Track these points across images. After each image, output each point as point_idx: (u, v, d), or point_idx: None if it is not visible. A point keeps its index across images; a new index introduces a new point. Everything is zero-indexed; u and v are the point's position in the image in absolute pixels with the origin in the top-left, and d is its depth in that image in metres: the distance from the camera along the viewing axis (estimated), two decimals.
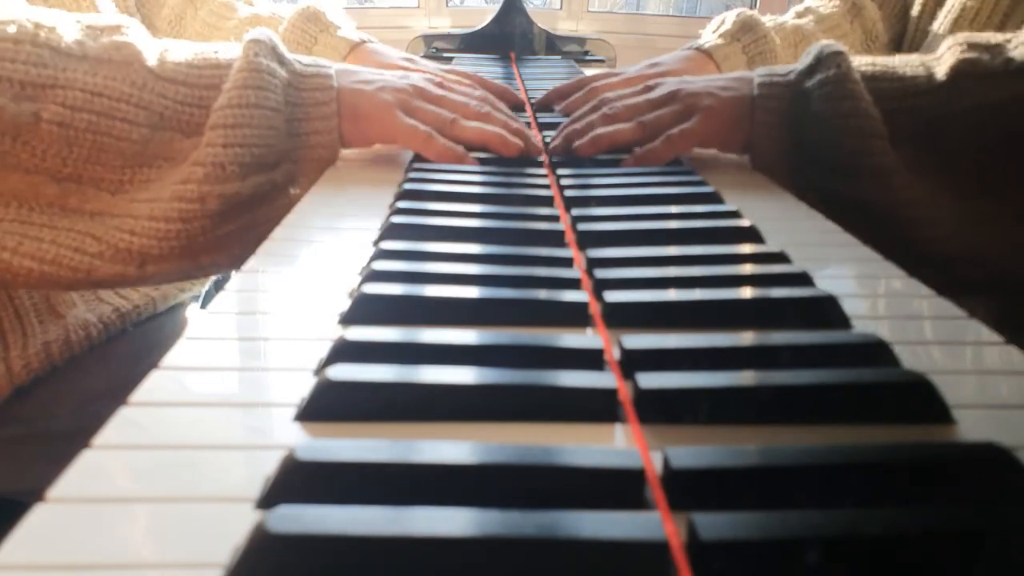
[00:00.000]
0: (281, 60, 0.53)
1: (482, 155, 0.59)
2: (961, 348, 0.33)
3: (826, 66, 0.55)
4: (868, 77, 0.55)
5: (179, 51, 0.52)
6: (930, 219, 0.53)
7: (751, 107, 0.58)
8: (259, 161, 0.50)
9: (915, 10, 0.89)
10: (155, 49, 0.51)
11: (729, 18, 0.86)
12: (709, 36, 0.87)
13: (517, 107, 0.81)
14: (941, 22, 0.82)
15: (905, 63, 0.57)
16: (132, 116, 0.49)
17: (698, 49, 0.84)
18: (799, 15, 0.92)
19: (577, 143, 0.59)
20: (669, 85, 0.62)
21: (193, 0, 0.86)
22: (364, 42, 0.83)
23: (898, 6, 0.92)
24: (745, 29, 0.85)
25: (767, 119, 0.57)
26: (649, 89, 0.62)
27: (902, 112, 0.54)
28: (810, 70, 0.56)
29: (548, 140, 0.65)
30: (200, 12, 0.85)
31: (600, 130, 0.59)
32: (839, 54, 0.55)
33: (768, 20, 0.88)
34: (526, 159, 0.59)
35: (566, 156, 0.60)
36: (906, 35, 0.91)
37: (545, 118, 0.75)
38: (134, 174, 0.49)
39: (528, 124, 0.72)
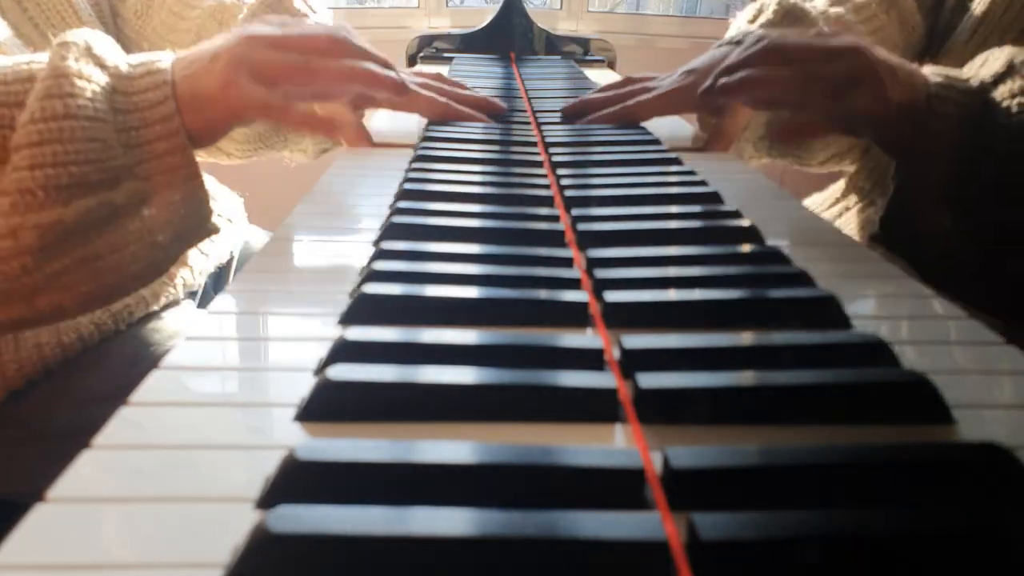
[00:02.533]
0: (100, 62, 0.46)
1: (482, 155, 0.59)
2: (961, 348, 0.33)
3: (1019, 73, 0.48)
4: None
5: None
6: None
7: (926, 105, 0.50)
8: (83, 181, 0.42)
9: (950, 0, 0.83)
10: None
11: (769, 6, 0.76)
12: (747, 28, 0.76)
13: (517, 108, 0.80)
14: (975, 8, 0.76)
15: None
16: None
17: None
18: (834, 2, 0.83)
19: (726, 82, 0.52)
20: (847, 38, 0.52)
21: None
22: None
23: None
24: (790, 19, 0.74)
25: (943, 125, 0.49)
26: (822, 35, 0.54)
27: None
28: (998, 78, 0.49)
29: (547, 139, 0.65)
30: (167, 1, 0.79)
31: (759, 72, 0.51)
32: None
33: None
34: (526, 160, 0.59)
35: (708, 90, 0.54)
36: (937, 25, 0.85)
37: (545, 118, 0.75)
38: None
39: (528, 126, 0.72)
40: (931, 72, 0.52)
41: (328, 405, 0.27)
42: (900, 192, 0.50)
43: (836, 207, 0.71)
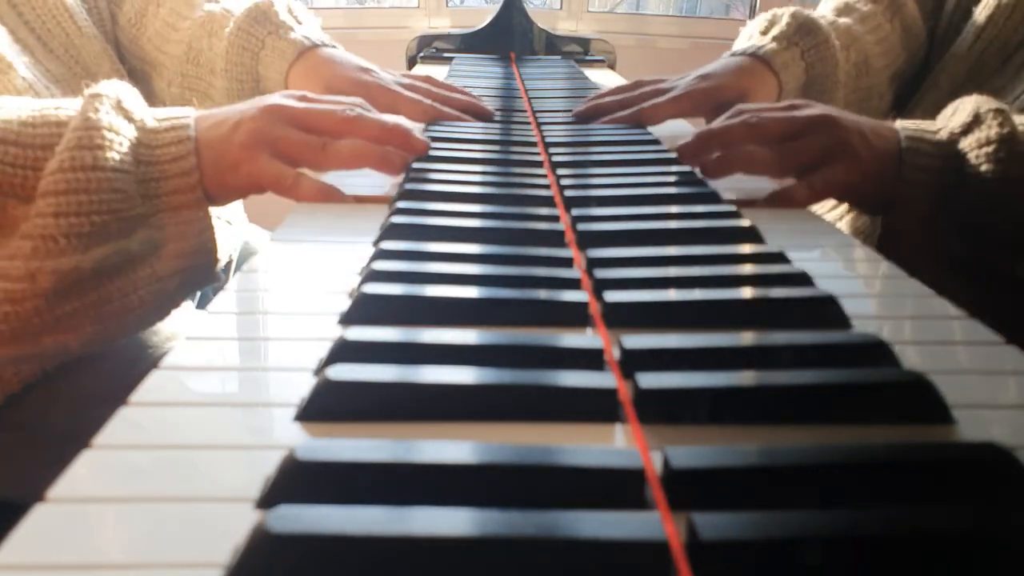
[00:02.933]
0: (128, 116, 0.47)
1: (482, 155, 0.59)
2: (961, 348, 0.33)
3: (986, 124, 0.50)
4: None
5: (13, 108, 0.47)
6: None
7: (898, 162, 0.52)
8: (103, 230, 0.44)
9: (950, 4, 0.84)
10: None
11: (782, 18, 0.76)
12: (760, 39, 0.76)
13: (517, 108, 0.80)
14: (976, 17, 0.77)
15: None
16: None
17: (753, 56, 0.74)
18: (839, 12, 0.83)
19: (712, 161, 0.54)
20: (818, 109, 0.55)
21: None
22: (317, 46, 0.74)
23: (932, 1, 0.85)
24: (803, 32, 0.75)
25: (916, 178, 0.51)
26: (794, 107, 0.57)
27: None
28: (966, 128, 0.51)
29: (547, 139, 0.65)
30: (161, 10, 0.78)
31: (739, 150, 0.54)
32: (1001, 112, 0.50)
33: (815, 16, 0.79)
34: (526, 160, 0.59)
35: (691, 162, 0.56)
36: (937, 30, 0.85)
37: (545, 118, 0.75)
38: None
39: (528, 126, 0.72)
40: (901, 126, 0.54)
41: (328, 405, 0.27)
42: (885, 241, 0.53)
43: (837, 209, 0.71)
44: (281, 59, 0.73)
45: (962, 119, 0.52)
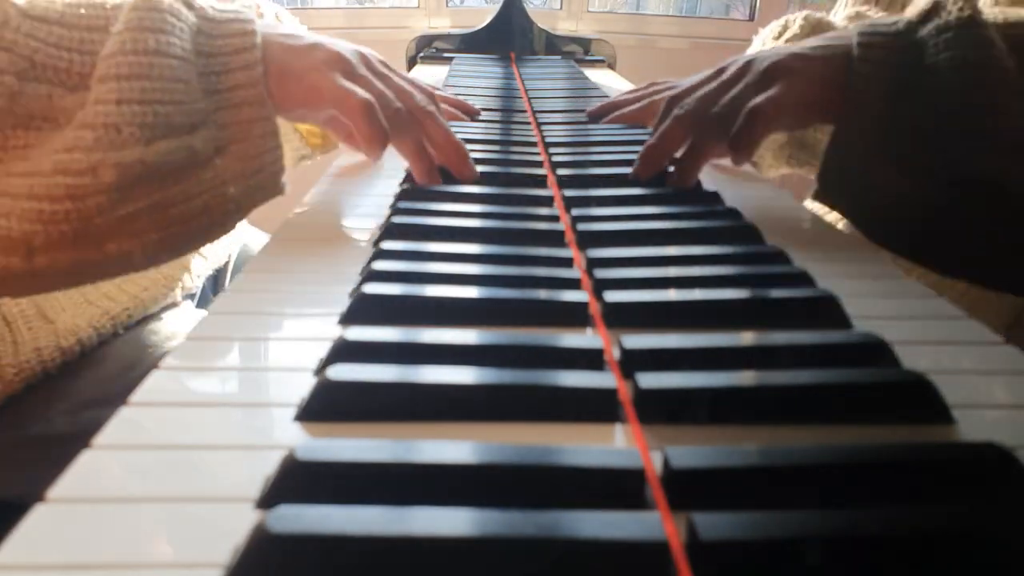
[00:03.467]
0: (188, 3, 0.45)
1: (482, 155, 0.59)
2: (961, 348, 0.33)
3: (945, 9, 0.46)
4: (1000, 24, 0.45)
5: None
6: None
7: (847, 63, 0.48)
8: (167, 122, 0.41)
9: None
10: None
11: (795, 22, 0.75)
12: (773, 44, 0.75)
13: (517, 109, 0.80)
14: None
15: None
16: None
17: None
18: (851, 20, 0.82)
19: (673, 179, 0.52)
20: (742, 59, 0.52)
21: None
22: None
23: None
24: (817, 34, 0.70)
25: (869, 72, 0.47)
26: (721, 71, 0.53)
27: None
28: (924, 16, 0.47)
29: (547, 139, 0.65)
30: None
31: (690, 158, 0.51)
32: None
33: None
34: (526, 160, 0.59)
35: (648, 178, 0.53)
36: None
37: (545, 119, 0.75)
38: (5, 139, 0.41)
39: (528, 126, 0.72)
40: (858, 25, 0.50)
41: (328, 405, 0.27)
42: (836, 144, 0.49)
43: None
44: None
45: (921, 6, 0.48)
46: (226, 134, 0.45)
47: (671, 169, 0.53)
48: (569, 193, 0.50)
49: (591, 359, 0.30)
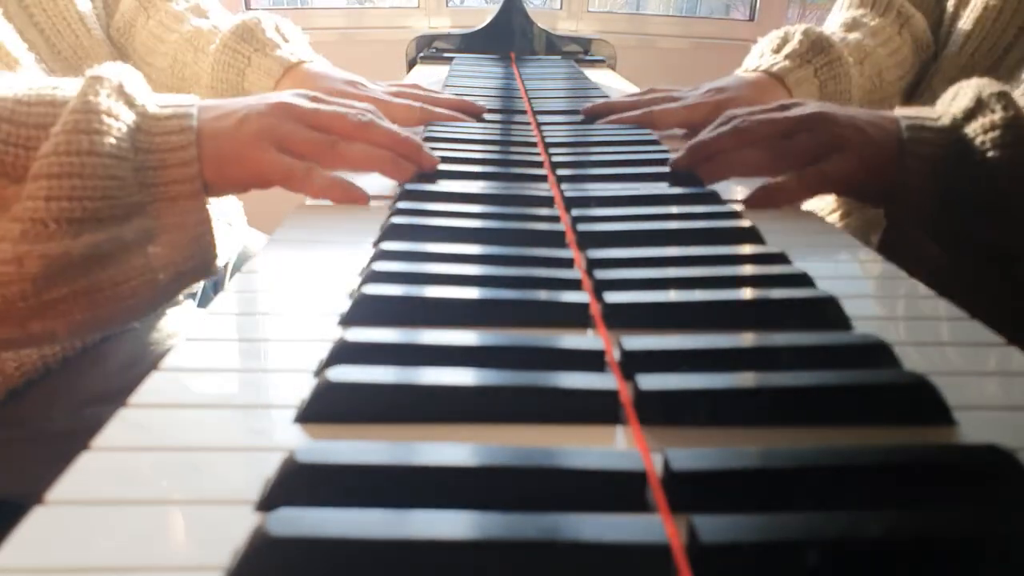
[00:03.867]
0: (130, 101, 0.46)
1: (482, 155, 0.59)
2: (962, 349, 0.33)
3: (990, 108, 0.49)
4: None
5: (9, 84, 0.46)
6: None
7: (899, 151, 0.51)
8: (95, 216, 0.43)
9: (948, 11, 0.84)
10: None
11: (795, 36, 0.77)
12: (772, 57, 0.77)
13: (517, 109, 0.80)
14: (964, 21, 0.78)
15: None
16: None
17: (766, 72, 0.75)
18: (848, 28, 0.84)
19: (706, 168, 0.54)
20: (810, 107, 0.54)
21: (146, 8, 0.79)
22: (303, 62, 0.74)
23: (936, 10, 0.86)
24: (816, 50, 0.75)
25: (919, 167, 0.50)
26: (785, 108, 0.56)
27: None
28: (969, 114, 0.50)
29: (547, 139, 0.65)
30: (150, 22, 0.79)
31: (730, 156, 0.53)
32: (1004, 95, 0.49)
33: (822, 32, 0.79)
34: (526, 160, 0.59)
35: (689, 171, 0.55)
36: (939, 37, 0.85)
37: (545, 119, 0.75)
38: None
39: (528, 126, 0.72)
40: (902, 115, 0.53)
41: (328, 407, 0.27)
42: (889, 234, 0.52)
43: (837, 212, 0.71)
44: (267, 77, 0.73)
45: (964, 104, 0.51)
46: (159, 224, 0.47)
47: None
48: (569, 193, 0.50)
49: (591, 360, 0.30)
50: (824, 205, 0.73)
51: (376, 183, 0.54)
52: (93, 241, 0.43)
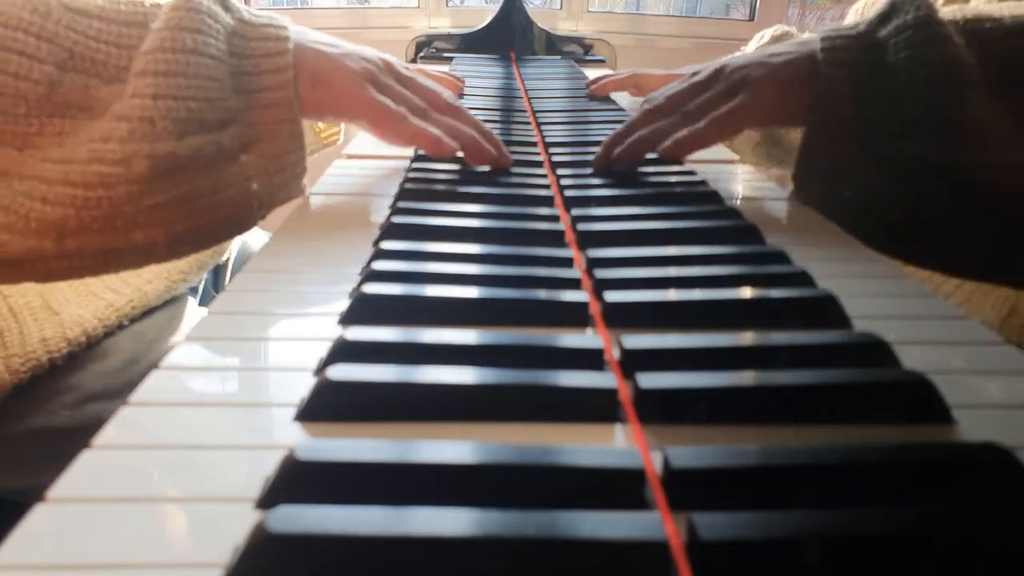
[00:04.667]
0: (225, 5, 0.47)
1: None
2: (961, 348, 0.33)
3: (903, 10, 0.48)
4: (959, 20, 0.48)
5: None
6: None
7: (813, 67, 0.50)
8: (199, 118, 0.43)
9: None
10: None
11: (767, 35, 0.79)
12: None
13: (517, 109, 0.80)
14: None
15: (1000, 7, 0.49)
16: (32, 49, 0.41)
17: None
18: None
19: (617, 151, 0.54)
20: (712, 65, 0.55)
21: None
22: None
23: None
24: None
25: (835, 74, 0.49)
26: (694, 75, 0.56)
27: (1001, 57, 0.46)
28: (883, 18, 0.49)
29: (547, 139, 0.65)
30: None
31: (640, 132, 0.53)
32: None
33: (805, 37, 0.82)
34: (526, 160, 0.59)
35: (608, 166, 0.55)
36: None
37: (545, 118, 0.75)
38: (42, 125, 0.42)
39: (528, 126, 0.72)
40: (820, 30, 0.52)
41: (328, 405, 0.27)
42: (807, 146, 0.51)
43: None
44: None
45: (879, 9, 0.50)
46: (253, 132, 0.47)
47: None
48: (569, 193, 0.50)
49: (591, 359, 0.30)
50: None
51: (377, 185, 0.54)
52: (196, 144, 0.43)
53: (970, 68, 0.45)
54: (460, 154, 0.54)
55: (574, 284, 0.36)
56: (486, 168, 0.56)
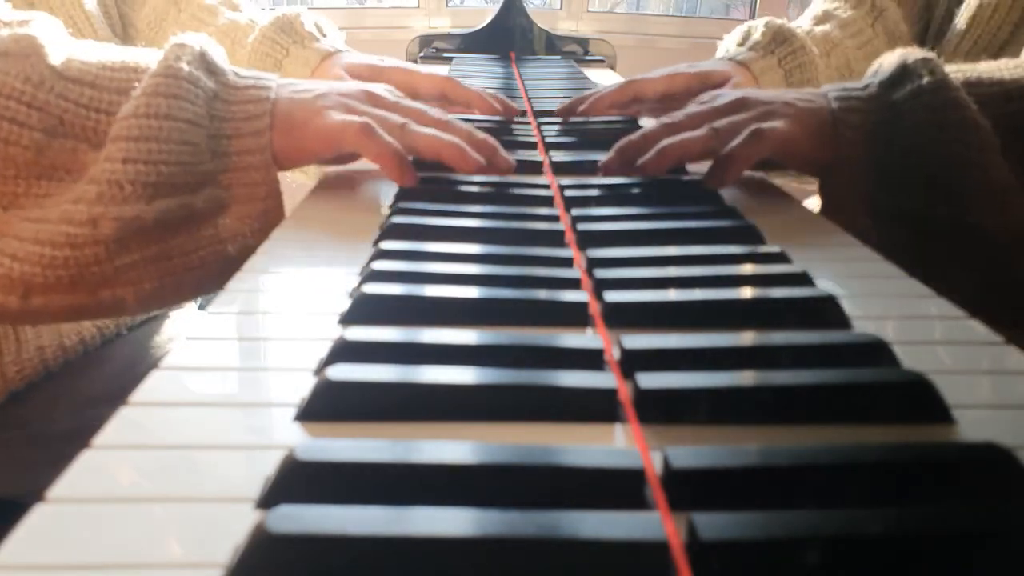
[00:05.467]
0: (210, 69, 0.47)
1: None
2: (961, 348, 0.33)
3: (917, 74, 0.49)
4: (964, 83, 0.49)
5: (94, 52, 0.47)
6: None
7: (832, 122, 0.51)
8: (169, 182, 0.44)
9: (940, 8, 0.84)
10: (64, 47, 0.46)
11: (757, 28, 0.78)
12: (737, 49, 0.77)
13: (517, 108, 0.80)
14: (959, 19, 0.78)
15: (996, 67, 0.51)
16: (23, 117, 0.43)
17: (731, 60, 0.76)
18: (818, 20, 0.84)
19: (642, 160, 0.52)
20: (734, 94, 0.54)
21: (177, 2, 0.79)
22: (338, 52, 0.75)
23: (922, 6, 0.85)
24: (779, 40, 0.76)
25: (852, 136, 0.50)
26: (712, 99, 0.55)
27: (1006, 119, 0.47)
28: (894, 80, 0.50)
29: (547, 139, 0.65)
30: (182, 15, 0.79)
31: (667, 141, 0.51)
32: (929, 60, 0.49)
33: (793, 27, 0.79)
34: (526, 160, 0.59)
35: (623, 173, 0.53)
36: (928, 32, 0.85)
37: (546, 119, 0.75)
38: (29, 186, 0.43)
39: (528, 126, 0.72)
40: (828, 87, 0.53)
41: (328, 405, 0.27)
42: (827, 207, 0.52)
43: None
44: (304, 67, 0.73)
45: (889, 71, 0.51)
46: (229, 195, 0.47)
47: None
48: (569, 193, 0.50)
49: (591, 359, 0.30)
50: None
51: (377, 185, 0.54)
52: (166, 207, 0.44)
53: (988, 132, 0.46)
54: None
55: (574, 284, 0.36)
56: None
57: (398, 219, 0.43)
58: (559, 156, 0.60)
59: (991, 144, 0.46)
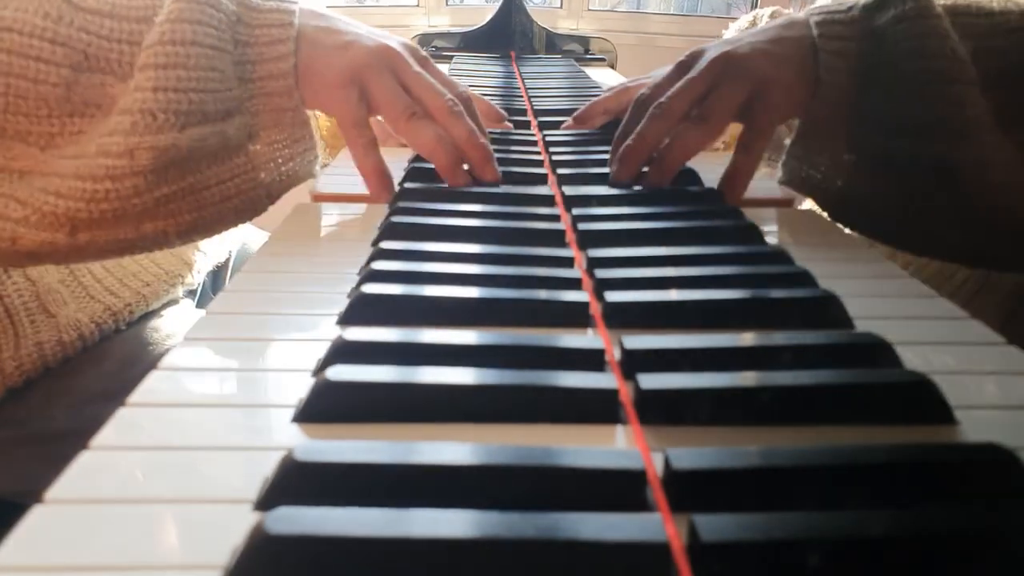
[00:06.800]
0: None
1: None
2: (963, 348, 0.33)
3: None
4: (951, 11, 0.46)
5: None
6: (1020, 185, 0.45)
7: (813, 55, 0.49)
8: (200, 109, 0.43)
9: None
10: None
11: (763, 17, 0.76)
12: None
13: (517, 108, 0.80)
14: None
15: None
16: (48, 54, 0.42)
17: None
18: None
19: (654, 175, 0.51)
20: (709, 53, 0.52)
21: None
22: None
23: None
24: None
25: (835, 63, 0.48)
26: (685, 67, 0.53)
27: (991, 54, 0.45)
28: (879, 3, 0.48)
29: (548, 138, 0.65)
30: None
31: (671, 149, 0.51)
32: None
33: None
34: (526, 159, 0.59)
35: (628, 181, 0.52)
36: None
37: (546, 119, 0.74)
38: (63, 125, 0.43)
39: (528, 126, 0.72)
40: (809, 11, 0.51)
41: (327, 406, 0.26)
42: (803, 135, 0.50)
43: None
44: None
45: None
46: (258, 121, 0.47)
47: (646, 169, 0.52)
48: (569, 192, 0.50)
49: (592, 360, 0.30)
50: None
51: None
52: (199, 134, 0.44)
53: (966, 66, 0.45)
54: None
55: (575, 284, 0.36)
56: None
57: (397, 219, 0.43)
58: (559, 155, 0.60)
59: (967, 78, 0.44)
